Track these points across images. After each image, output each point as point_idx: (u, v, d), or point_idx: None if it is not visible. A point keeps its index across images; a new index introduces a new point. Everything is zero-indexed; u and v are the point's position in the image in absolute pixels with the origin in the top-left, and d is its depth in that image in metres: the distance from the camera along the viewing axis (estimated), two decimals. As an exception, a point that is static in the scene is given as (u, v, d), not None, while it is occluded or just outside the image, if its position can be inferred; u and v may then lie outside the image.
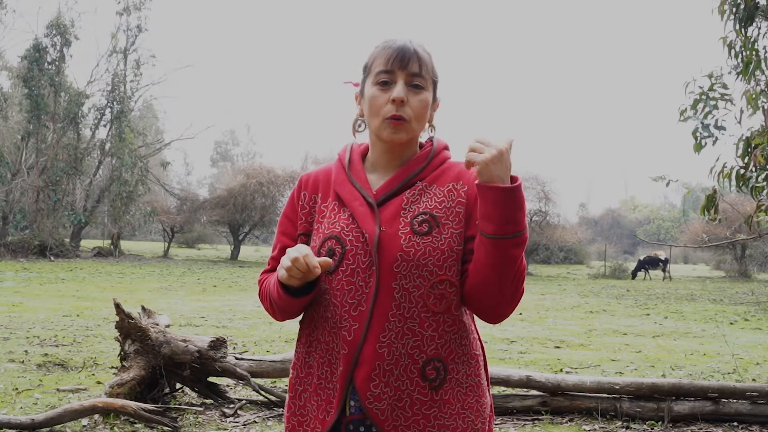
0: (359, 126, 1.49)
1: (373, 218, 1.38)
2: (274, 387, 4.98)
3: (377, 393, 1.34)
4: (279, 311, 1.44)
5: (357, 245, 1.37)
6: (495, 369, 4.46)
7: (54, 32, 25.41)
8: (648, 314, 11.96)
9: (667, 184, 4.86)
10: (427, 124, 1.47)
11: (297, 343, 1.48)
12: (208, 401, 4.71)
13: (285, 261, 1.32)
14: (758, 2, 4.30)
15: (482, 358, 1.46)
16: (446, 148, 1.50)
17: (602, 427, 4.29)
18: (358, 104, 1.49)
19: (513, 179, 1.29)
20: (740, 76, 4.49)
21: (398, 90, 1.38)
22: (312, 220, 1.47)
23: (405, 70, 1.39)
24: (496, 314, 1.38)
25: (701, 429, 4.27)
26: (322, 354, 1.40)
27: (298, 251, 1.31)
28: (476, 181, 1.31)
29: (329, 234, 1.40)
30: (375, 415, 1.34)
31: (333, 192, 1.46)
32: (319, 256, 1.39)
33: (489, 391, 1.47)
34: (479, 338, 1.47)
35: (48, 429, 3.93)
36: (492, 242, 1.29)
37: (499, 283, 1.32)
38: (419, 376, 1.35)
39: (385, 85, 1.40)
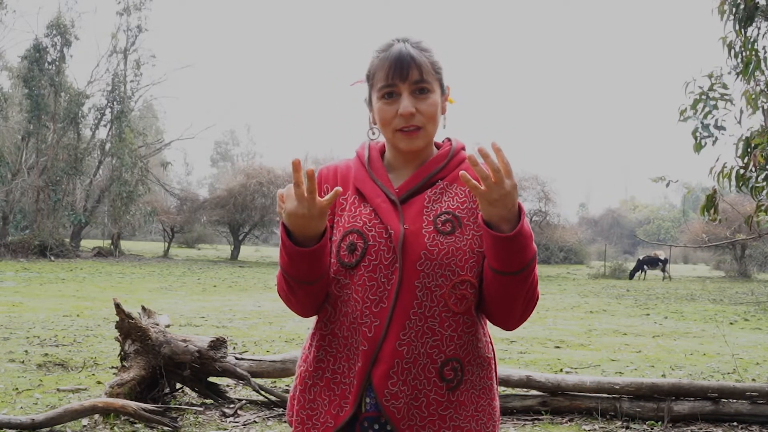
0: (372, 133, 1.46)
1: (396, 215, 1.37)
2: (274, 387, 4.98)
3: (394, 391, 1.32)
4: (291, 279, 1.34)
5: (380, 241, 1.35)
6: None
7: (54, 32, 25.42)
8: (648, 314, 11.96)
9: (668, 185, 4.85)
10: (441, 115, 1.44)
11: (311, 336, 1.45)
12: (208, 401, 4.71)
13: (285, 205, 1.27)
14: (758, 2, 4.29)
15: (494, 362, 1.45)
16: (464, 148, 1.48)
17: (602, 427, 4.29)
18: (370, 110, 1.46)
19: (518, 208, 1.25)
20: (740, 76, 4.49)
21: (405, 104, 1.35)
22: (335, 211, 1.44)
23: (406, 81, 1.35)
24: (506, 327, 1.41)
25: (701, 429, 4.27)
26: (339, 349, 1.38)
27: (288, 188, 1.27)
28: (480, 216, 1.28)
29: (350, 228, 1.38)
30: (391, 413, 1.33)
31: (353, 186, 1.44)
32: (339, 252, 1.37)
33: (498, 394, 1.47)
34: (491, 342, 1.47)
35: (48, 429, 3.94)
36: (498, 276, 1.30)
37: (509, 305, 1.34)
38: (437, 376, 1.34)
39: (390, 97, 1.37)
